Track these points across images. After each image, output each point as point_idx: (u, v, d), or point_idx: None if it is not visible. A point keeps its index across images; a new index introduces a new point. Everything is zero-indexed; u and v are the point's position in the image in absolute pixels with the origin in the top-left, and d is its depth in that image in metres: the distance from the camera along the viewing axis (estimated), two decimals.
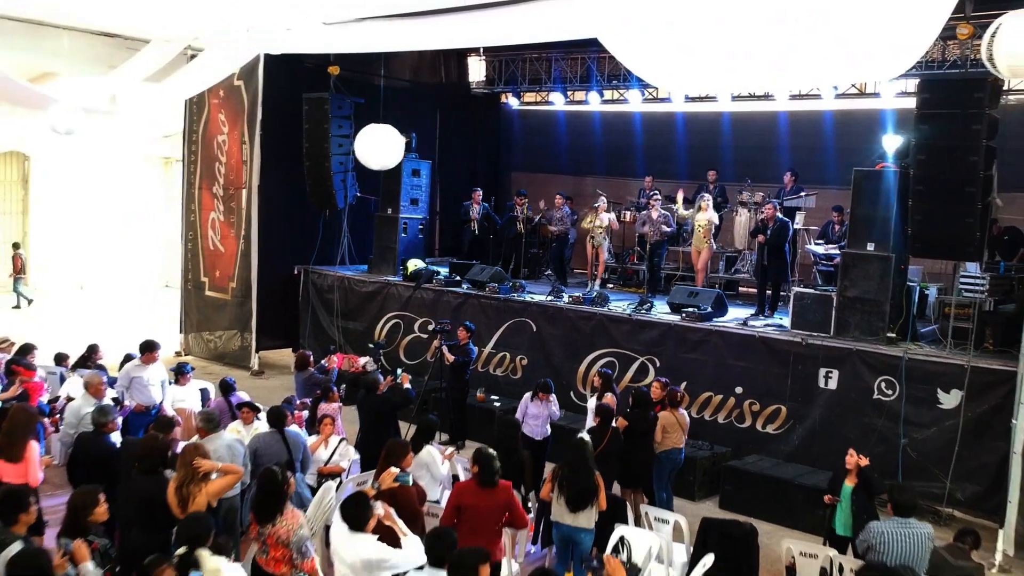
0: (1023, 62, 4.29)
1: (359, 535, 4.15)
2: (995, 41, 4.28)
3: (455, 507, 5.03)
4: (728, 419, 9.23)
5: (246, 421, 7.19)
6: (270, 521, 4.72)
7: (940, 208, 7.84)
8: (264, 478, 4.88)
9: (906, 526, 5.20)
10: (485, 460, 5.08)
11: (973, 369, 7.96)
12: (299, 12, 10.48)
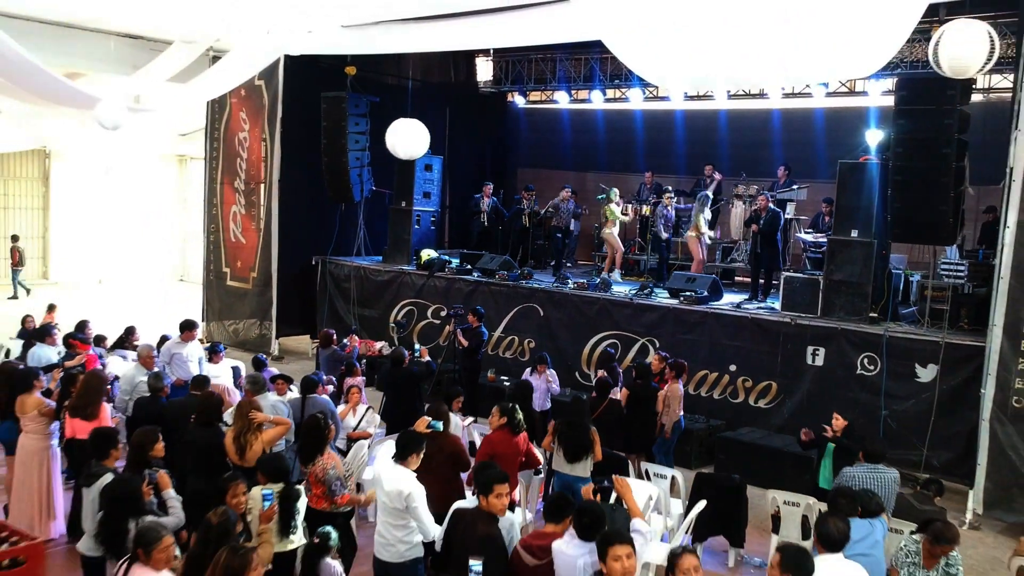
0: (961, 64, 5.04)
1: (400, 468, 4.88)
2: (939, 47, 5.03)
3: (488, 453, 5.80)
4: (723, 395, 9.98)
5: (280, 392, 7.90)
6: (312, 461, 5.46)
7: (917, 197, 8.58)
8: (309, 424, 5.64)
9: (875, 471, 5.95)
10: (510, 412, 5.88)
11: (947, 345, 8.70)
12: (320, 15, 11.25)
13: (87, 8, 13.19)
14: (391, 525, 4.81)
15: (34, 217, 19.43)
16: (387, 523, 4.82)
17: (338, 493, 5.45)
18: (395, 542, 4.80)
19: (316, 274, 13.60)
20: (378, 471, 5.09)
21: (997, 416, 8.06)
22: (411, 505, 4.75)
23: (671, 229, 12.22)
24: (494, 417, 6.04)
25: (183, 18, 12.40)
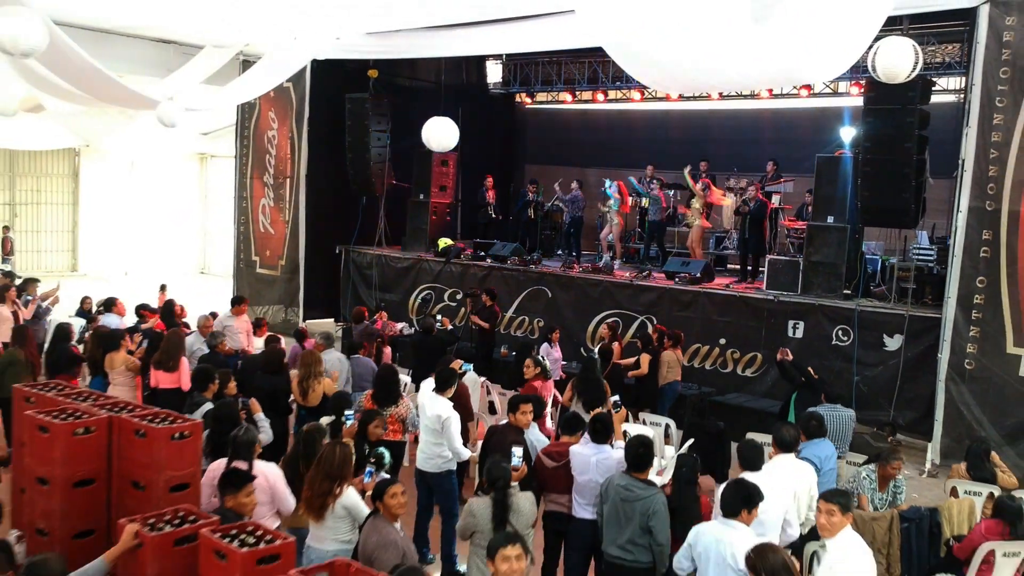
0: (892, 72, 6.26)
1: (440, 397, 6.15)
2: (876, 58, 6.27)
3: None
4: (714, 365, 11.22)
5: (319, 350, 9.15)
6: (392, 404, 6.64)
7: (882, 186, 9.82)
8: (385, 372, 6.88)
9: (834, 410, 7.21)
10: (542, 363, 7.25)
11: (911, 317, 9.94)
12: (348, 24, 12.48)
13: (125, 16, 14.40)
14: (431, 443, 6.08)
15: (64, 212, 20.69)
16: (428, 441, 6.09)
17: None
18: (434, 456, 6.09)
19: (340, 262, 14.85)
20: (421, 399, 6.34)
21: (952, 378, 9.29)
22: (446, 427, 6.02)
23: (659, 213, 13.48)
24: (528, 368, 7.35)
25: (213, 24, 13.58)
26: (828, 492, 4.48)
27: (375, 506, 4.47)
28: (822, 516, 4.25)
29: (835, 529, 4.19)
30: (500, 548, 3.78)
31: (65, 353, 8.29)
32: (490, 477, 4.70)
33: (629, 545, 4.97)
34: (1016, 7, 8.81)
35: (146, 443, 4.34)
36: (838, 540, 4.20)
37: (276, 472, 4.92)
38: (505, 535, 3.99)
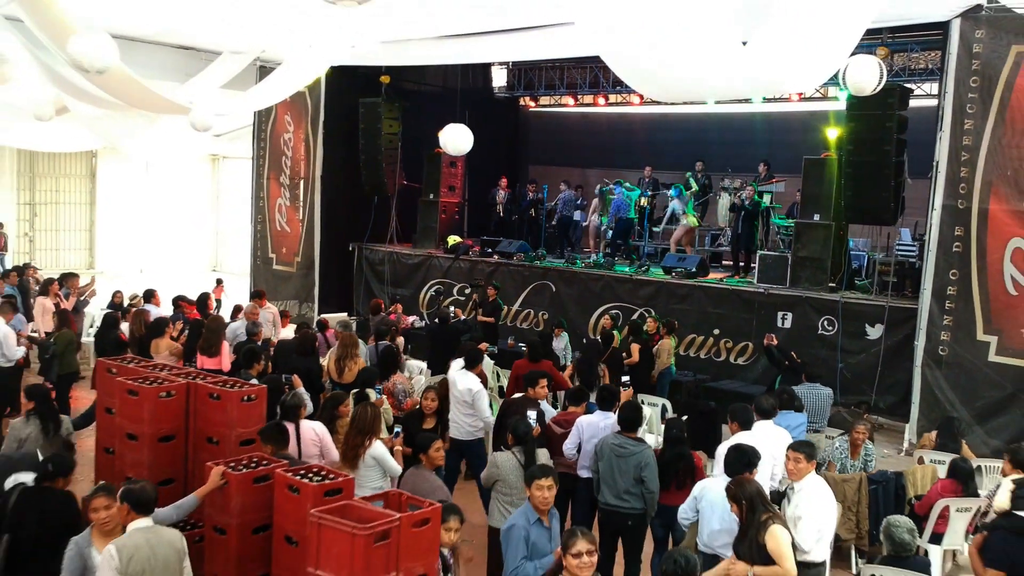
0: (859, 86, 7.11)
1: (469, 373, 7.00)
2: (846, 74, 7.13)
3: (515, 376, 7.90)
4: (708, 355, 12.06)
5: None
6: (387, 379, 7.52)
7: (864, 186, 10.66)
8: (385, 352, 7.73)
9: (813, 388, 8.06)
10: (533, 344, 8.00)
11: (891, 308, 10.79)
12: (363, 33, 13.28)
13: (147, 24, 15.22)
14: (463, 414, 6.93)
15: (82, 211, 21.50)
16: (459, 412, 6.95)
17: (403, 400, 7.52)
18: (465, 425, 6.94)
19: (353, 259, 15.70)
20: (452, 376, 7.18)
21: (928, 363, 10.11)
22: (476, 399, 6.87)
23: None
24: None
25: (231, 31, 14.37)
26: (795, 443, 5.31)
27: (419, 457, 5.29)
28: (790, 463, 5.08)
29: (801, 474, 5.02)
30: (536, 479, 4.60)
31: (113, 339, 9.16)
32: (516, 432, 5.55)
33: (625, 495, 5.81)
34: (985, 21, 9.64)
35: (220, 405, 5.17)
36: (804, 483, 5.02)
37: (323, 429, 5.76)
38: (541, 467, 4.83)
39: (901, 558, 5.01)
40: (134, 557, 3.97)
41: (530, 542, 4.48)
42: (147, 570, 3.99)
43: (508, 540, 4.50)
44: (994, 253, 9.68)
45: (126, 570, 3.93)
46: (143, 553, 4.00)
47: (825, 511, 5.00)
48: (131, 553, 3.97)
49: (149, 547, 4.03)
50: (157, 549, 4.06)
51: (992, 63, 9.57)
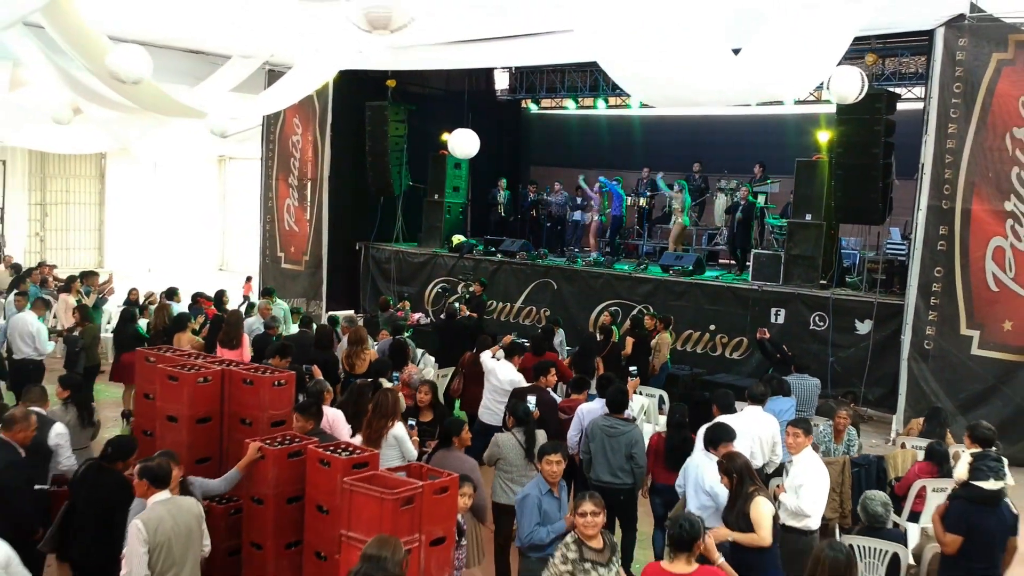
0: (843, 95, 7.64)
1: (508, 363, 7.57)
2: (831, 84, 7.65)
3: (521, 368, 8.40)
4: (704, 349, 12.58)
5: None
6: (399, 369, 8.01)
7: (853, 187, 11.18)
8: (396, 345, 8.25)
9: (801, 379, 8.57)
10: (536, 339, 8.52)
11: (879, 304, 11.31)
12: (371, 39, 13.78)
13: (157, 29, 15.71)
14: (496, 400, 7.47)
15: (91, 211, 22.01)
16: (494, 399, 7.51)
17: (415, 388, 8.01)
18: (498, 411, 7.47)
19: (360, 257, 16.21)
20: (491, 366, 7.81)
21: (914, 357, 10.62)
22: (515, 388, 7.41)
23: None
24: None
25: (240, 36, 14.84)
26: (794, 420, 5.85)
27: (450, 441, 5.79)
28: (789, 437, 5.63)
29: (799, 447, 5.57)
30: (547, 454, 5.11)
31: (131, 333, 9.69)
32: (516, 414, 6.07)
33: (619, 471, 6.33)
34: (968, 30, 10.15)
35: (253, 389, 5.67)
36: (801, 456, 5.56)
37: (338, 414, 6.31)
38: (552, 444, 5.35)
39: (875, 529, 5.53)
40: (159, 528, 4.42)
41: (542, 510, 5.01)
42: (172, 538, 4.45)
43: (523, 508, 5.02)
44: (976, 251, 10.20)
45: (153, 540, 4.38)
46: (167, 524, 4.45)
47: (821, 481, 5.53)
48: (156, 525, 4.42)
49: (171, 517, 4.49)
50: (178, 518, 4.51)
51: (974, 70, 10.08)
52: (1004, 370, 10.08)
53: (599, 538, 4.43)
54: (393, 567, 3.54)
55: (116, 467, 5.04)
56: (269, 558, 5.08)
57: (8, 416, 5.20)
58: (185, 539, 4.52)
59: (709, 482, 5.64)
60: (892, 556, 5.60)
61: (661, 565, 4.15)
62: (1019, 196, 9.92)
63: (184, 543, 4.51)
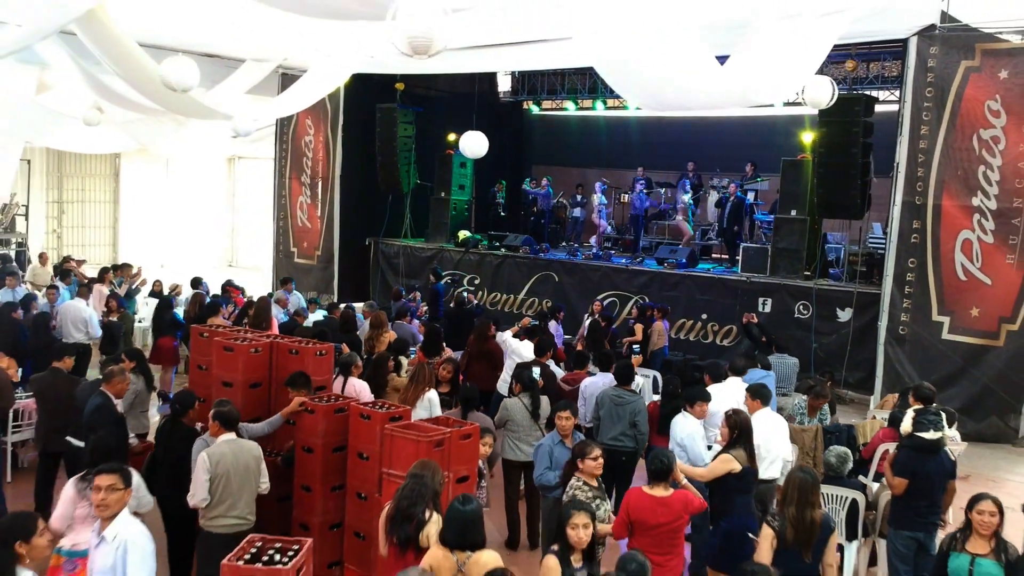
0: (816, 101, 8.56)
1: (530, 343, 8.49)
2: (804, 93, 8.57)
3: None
4: (697, 337, 13.51)
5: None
6: (437, 354, 8.92)
7: (834, 184, 12.10)
8: (432, 330, 9.16)
9: (781, 358, 9.51)
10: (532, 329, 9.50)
11: (859, 293, 12.25)
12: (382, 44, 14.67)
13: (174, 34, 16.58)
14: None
15: (106, 209, 22.89)
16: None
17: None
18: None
19: (370, 252, 17.13)
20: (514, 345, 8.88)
21: (890, 342, 11.56)
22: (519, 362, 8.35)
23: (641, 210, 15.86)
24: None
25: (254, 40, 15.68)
26: (749, 387, 6.77)
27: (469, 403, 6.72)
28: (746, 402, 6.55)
29: (754, 409, 6.48)
30: (560, 411, 6.09)
31: (169, 319, 10.60)
32: (522, 381, 7.01)
33: (621, 436, 7.24)
34: (939, 39, 11.08)
35: (298, 358, 6.59)
36: (758, 415, 6.47)
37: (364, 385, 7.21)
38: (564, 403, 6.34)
39: (831, 478, 6.47)
40: (220, 462, 5.35)
41: (553, 456, 5.94)
42: (231, 470, 5.35)
43: (537, 455, 6.00)
44: (946, 244, 11.13)
45: (215, 471, 5.31)
46: (228, 459, 5.37)
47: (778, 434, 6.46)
48: (218, 459, 5.35)
49: (232, 454, 5.40)
50: (239, 456, 5.42)
51: (944, 76, 11.01)
52: (972, 353, 11.01)
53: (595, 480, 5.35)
54: (432, 483, 4.46)
55: (184, 421, 5.95)
56: (317, 499, 6.00)
57: (108, 371, 6.16)
58: (243, 474, 5.42)
59: (680, 435, 6.59)
60: (851, 502, 6.53)
61: (643, 489, 5.06)
62: (985, 193, 10.85)
63: (242, 478, 5.41)
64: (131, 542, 4.12)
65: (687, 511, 5.03)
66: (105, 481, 4.11)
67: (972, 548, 4.61)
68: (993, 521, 4.56)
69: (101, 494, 4.09)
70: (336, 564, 6.07)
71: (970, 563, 4.56)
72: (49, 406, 6.88)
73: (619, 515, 5.02)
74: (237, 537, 4.98)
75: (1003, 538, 4.64)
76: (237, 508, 5.37)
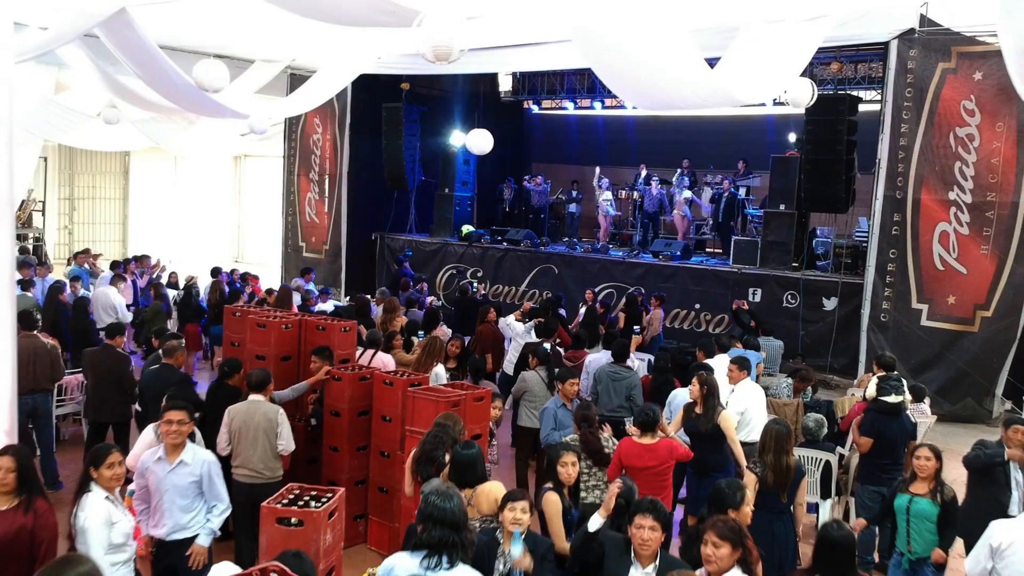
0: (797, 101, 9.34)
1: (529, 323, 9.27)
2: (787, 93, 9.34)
3: None
4: (690, 326, 14.28)
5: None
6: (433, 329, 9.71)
7: (820, 180, 12.87)
8: (431, 311, 9.92)
9: (767, 340, 10.27)
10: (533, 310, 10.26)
11: (843, 283, 13.02)
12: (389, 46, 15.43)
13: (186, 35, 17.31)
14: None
15: (116, 206, 23.64)
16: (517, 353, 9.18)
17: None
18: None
19: (376, 247, 17.89)
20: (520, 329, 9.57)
21: (872, 328, 12.33)
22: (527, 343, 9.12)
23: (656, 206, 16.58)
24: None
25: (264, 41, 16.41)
26: (735, 357, 7.53)
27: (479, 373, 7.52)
28: (729, 372, 7.31)
29: (737, 379, 7.25)
30: (566, 380, 6.86)
31: (194, 306, 11.36)
32: (537, 354, 7.79)
33: (619, 408, 8.00)
34: (918, 43, 11.84)
35: (325, 334, 7.35)
36: (740, 385, 7.23)
37: (389, 358, 7.96)
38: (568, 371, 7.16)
39: (808, 442, 7.23)
40: (235, 418, 6.11)
41: (557, 419, 6.71)
42: (243, 427, 6.07)
43: (543, 418, 6.76)
44: (925, 235, 11.90)
45: (231, 426, 6.10)
46: (242, 416, 6.11)
47: (758, 401, 7.23)
48: (234, 415, 6.13)
49: (249, 413, 6.12)
50: (255, 416, 6.11)
51: (923, 77, 11.77)
52: (949, 338, 11.78)
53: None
54: (453, 432, 5.21)
55: (230, 383, 6.69)
56: (345, 458, 6.76)
57: (168, 347, 6.97)
58: (254, 432, 6.09)
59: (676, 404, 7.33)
60: (825, 463, 7.29)
61: (632, 439, 5.83)
62: (961, 187, 11.62)
63: (252, 435, 6.09)
64: (211, 461, 5.02)
65: (672, 457, 5.80)
66: (176, 416, 4.90)
67: (914, 489, 5.37)
68: (930, 464, 5.31)
69: (173, 426, 4.87)
70: (361, 516, 6.83)
71: (908, 501, 5.32)
72: (100, 380, 7.63)
73: (612, 461, 5.77)
74: (252, 488, 5.85)
75: (942, 480, 5.40)
76: (251, 462, 6.07)
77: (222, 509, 5.09)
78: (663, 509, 4.10)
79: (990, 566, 4.41)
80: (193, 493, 4.96)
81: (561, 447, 5.20)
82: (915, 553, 5.28)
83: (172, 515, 4.91)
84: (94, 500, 4.31)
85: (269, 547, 4.59)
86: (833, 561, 3.93)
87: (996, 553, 4.38)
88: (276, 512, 4.91)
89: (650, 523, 3.98)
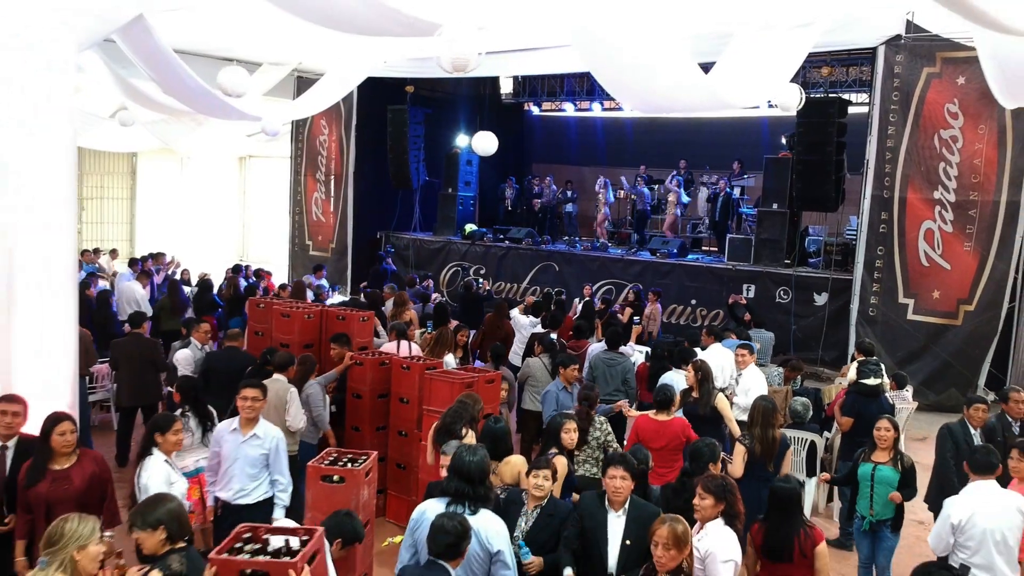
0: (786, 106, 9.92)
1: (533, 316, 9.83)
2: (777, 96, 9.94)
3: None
4: (687, 321, 14.86)
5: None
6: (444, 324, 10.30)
7: (811, 180, 13.46)
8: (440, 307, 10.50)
9: (759, 332, 10.85)
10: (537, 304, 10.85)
11: (833, 279, 13.61)
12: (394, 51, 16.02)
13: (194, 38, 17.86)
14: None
15: (123, 206, 24.20)
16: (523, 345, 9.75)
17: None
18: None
19: (381, 245, 18.46)
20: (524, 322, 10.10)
21: (861, 322, 12.92)
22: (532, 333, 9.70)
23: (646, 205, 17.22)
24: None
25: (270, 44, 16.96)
26: (740, 344, 8.12)
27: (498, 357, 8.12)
28: (738, 356, 7.91)
29: (746, 363, 7.84)
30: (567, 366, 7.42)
31: (208, 300, 11.93)
32: (543, 342, 8.36)
33: (615, 392, 8.56)
34: (905, 48, 12.45)
35: (344, 324, 7.94)
36: (747, 369, 7.83)
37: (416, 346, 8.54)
38: (570, 357, 7.66)
39: (795, 423, 7.82)
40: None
41: (559, 401, 7.28)
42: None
43: (546, 400, 7.33)
44: (911, 233, 12.50)
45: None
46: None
47: (763, 386, 7.84)
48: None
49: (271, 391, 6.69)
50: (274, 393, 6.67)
51: (909, 81, 12.38)
52: (933, 331, 12.38)
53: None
54: (472, 409, 5.80)
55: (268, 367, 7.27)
56: (366, 437, 7.35)
57: (231, 333, 7.79)
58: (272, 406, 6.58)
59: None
60: (810, 443, 7.88)
61: (649, 415, 6.42)
62: (945, 187, 12.22)
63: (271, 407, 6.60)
64: (280, 438, 5.59)
65: (684, 435, 6.38)
66: (251, 393, 5.48)
67: (876, 458, 5.97)
68: (888, 435, 5.91)
69: (248, 402, 5.44)
70: (381, 491, 7.40)
71: (872, 469, 5.91)
72: (131, 365, 8.20)
73: (629, 436, 6.36)
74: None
75: (900, 450, 6.01)
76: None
77: (285, 484, 5.58)
78: (631, 462, 4.74)
79: (952, 541, 5.01)
80: (260, 464, 5.49)
81: (563, 416, 5.80)
82: (876, 515, 5.86)
83: (240, 480, 5.46)
84: (155, 462, 4.90)
85: (314, 502, 5.16)
86: (781, 508, 4.75)
87: (957, 529, 4.99)
88: (320, 471, 5.43)
89: (621, 473, 4.59)
